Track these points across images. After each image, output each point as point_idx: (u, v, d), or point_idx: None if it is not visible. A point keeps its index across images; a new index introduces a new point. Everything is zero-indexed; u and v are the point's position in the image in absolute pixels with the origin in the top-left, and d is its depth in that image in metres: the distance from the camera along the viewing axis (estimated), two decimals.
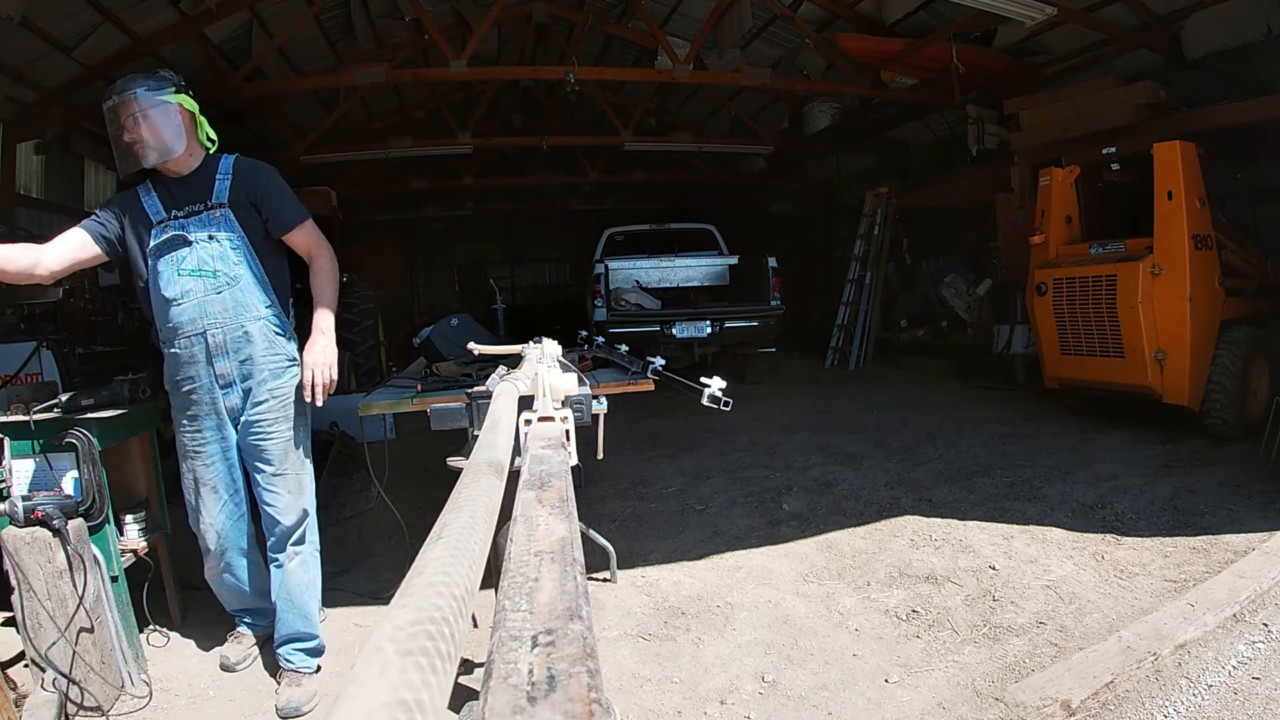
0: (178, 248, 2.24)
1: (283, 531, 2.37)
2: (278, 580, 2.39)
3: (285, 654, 2.38)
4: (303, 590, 2.40)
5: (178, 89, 2.25)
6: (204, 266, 2.23)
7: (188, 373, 2.30)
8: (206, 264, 2.23)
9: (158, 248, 2.24)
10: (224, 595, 2.57)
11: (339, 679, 2.42)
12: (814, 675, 2.31)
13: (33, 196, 6.65)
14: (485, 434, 1.17)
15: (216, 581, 2.52)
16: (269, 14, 6.80)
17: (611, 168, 12.14)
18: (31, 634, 2.15)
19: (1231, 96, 5.18)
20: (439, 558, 0.57)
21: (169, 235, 2.24)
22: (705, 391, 2.17)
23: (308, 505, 2.42)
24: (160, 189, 2.29)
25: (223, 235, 2.26)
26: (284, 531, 2.37)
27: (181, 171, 2.29)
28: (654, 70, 8.25)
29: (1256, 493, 3.54)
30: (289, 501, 2.36)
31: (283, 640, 2.39)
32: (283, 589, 2.38)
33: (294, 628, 2.38)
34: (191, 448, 2.35)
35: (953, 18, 6.50)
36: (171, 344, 2.29)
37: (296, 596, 2.38)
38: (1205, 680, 2.10)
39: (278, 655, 2.41)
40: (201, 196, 2.28)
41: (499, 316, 6.84)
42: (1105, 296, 4.76)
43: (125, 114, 2.16)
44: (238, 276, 2.27)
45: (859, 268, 9.51)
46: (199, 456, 2.35)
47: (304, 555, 2.42)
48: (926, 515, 3.64)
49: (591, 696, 0.43)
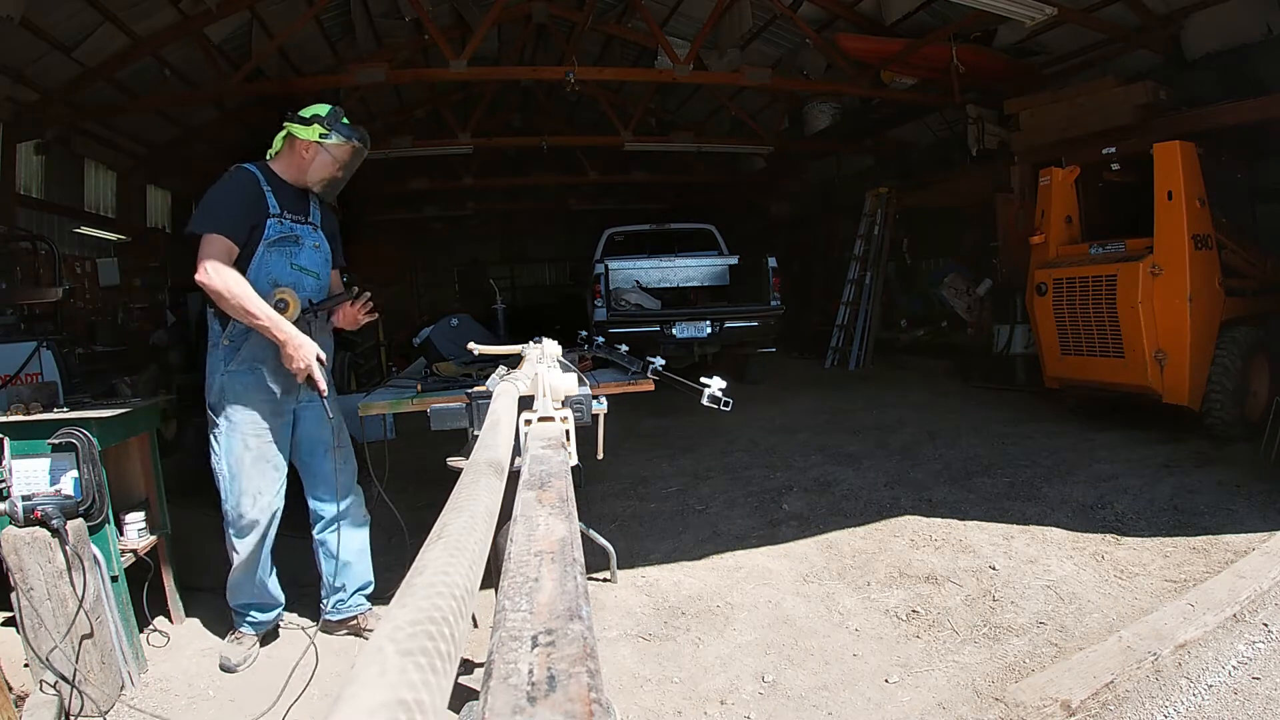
0: (290, 245, 2.52)
1: (346, 494, 2.66)
2: (347, 539, 2.66)
3: (356, 603, 2.76)
4: (365, 541, 2.80)
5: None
6: (311, 266, 2.58)
7: (277, 358, 2.47)
8: (313, 265, 2.59)
9: (275, 241, 2.47)
10: (242, 585, 2.60)
11: (339, 679, 2.42)
12: (814, 675, 2.31)
13: (33, 196, 6.65)
14: (485, 434, 1.17)
15: (245, 570, 2.56)
16: (269, 14, 6.80)
17: (611, 168, 12.14)
18: (31, 634, 2.15)
19: (1231, 96, 5.18)
20: (439, 558, 0.57)
21: (286, 233, 2.50)
22: (705, 391, 2.17)
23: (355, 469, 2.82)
24: (275, 186, 2.51)
25: (324, 247, 2.66)
26: (346, 494, 2.66)
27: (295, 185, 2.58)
28: (654, 70, 8.25)
29: (1256, 493, 3.54)
30: (349, 470, 2.71)
31: (354, 590, 2.75)
32: (351, 545, 2.70)
33: (364, 578, 2.78)
34: (259, 427, 2.49)
35: (953, 18, 6.51)
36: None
37: (365, 547, 2.79)
38: (1205, 680, 2.10)
39: (346, 608, 2.73)
40: (303, 210, 2.59)
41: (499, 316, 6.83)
42: (1105, 296, 4.76)
43: (357, 161, 2.59)
44: (324, 282, 2.66)
45: (859, 268, 9.51)
46: (265, 435, 2.50)
47: (361, 509, 2.79)
48: (926, 515, 3.64)
49: (591, 697, 0.43)
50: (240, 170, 2.46)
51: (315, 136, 2.48)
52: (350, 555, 2.70)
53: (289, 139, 2.51)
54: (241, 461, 2.46)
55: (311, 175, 2.53)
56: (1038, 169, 5.69)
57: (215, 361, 2.48)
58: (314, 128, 2.47)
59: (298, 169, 2.52)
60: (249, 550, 2.52)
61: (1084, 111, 6.18)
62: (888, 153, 10.45)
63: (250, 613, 2.64)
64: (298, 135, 2.49)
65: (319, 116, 2.48)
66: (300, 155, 2.50)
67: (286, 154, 2.53)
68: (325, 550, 2.67)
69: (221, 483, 2.50)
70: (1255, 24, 5.52)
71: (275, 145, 2.55)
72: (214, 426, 2.50)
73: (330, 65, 8.33)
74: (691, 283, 8.47)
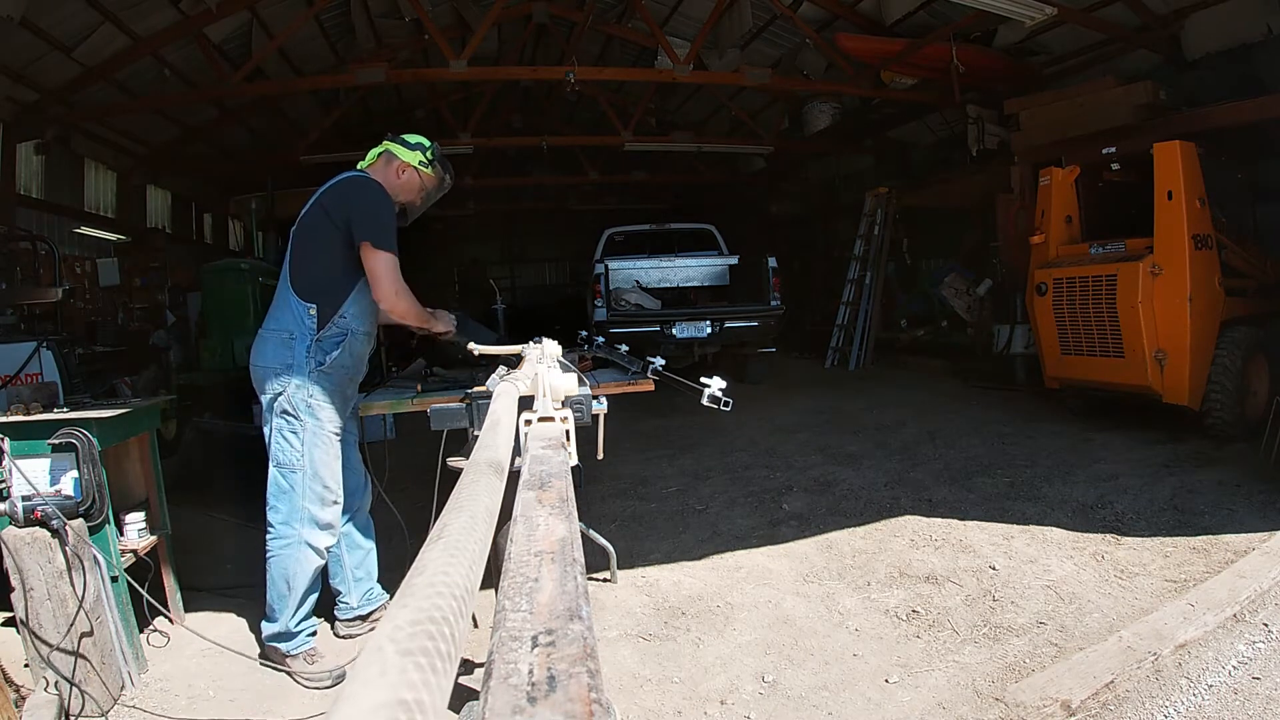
0: None
1: (366, 485, 2.79)
2: (365, 529, 2.79)
3: (379, 593, 2.81)
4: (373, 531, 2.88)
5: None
6: None
7: (364, 360, 2.64)
8: None
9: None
10: (305, 575, 2.47)
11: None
12: (814, 675, 2.31)
13: (33, 197, 6.65)
14: (485, 434, 1.17)
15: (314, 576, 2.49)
16: (269, 14, 6.80)
17: (611, 168, 12.14)
18: (31, 634, 2.15)
19: (1231, 96, 5.18)
20: (439, 558, 0.57)
21: None
22: (705, 391, 2.17)
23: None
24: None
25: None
26: (366, 484, 2.80)
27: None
28: (654, 70, 8.26)
29: (1256, 493, 3.53)
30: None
31: (374, 580, 2.81)
32: (369, 534, 2.81)
33: (376, 568, 2.83)
34: (338, 429, 2.55)
35: (953, 18, 6.51)
36: (360, 333, 2.58)
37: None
38: (1205, 680, 2.10)
39: (376, 597, 2.79)
40: None
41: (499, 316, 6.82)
42: (1105, 296, 4.76)
43: (436, 195, 2.75)
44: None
45: (859, 268, 9.51)
46: (341, 434, 2.57)
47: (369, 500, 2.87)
48: (926, 515, 3.64)
49: (591, 697, 0.43)
50: (382, 187, 2.55)
51: (415, 162, 2.61)
52: (368, 544, 2.80)
53: (386, 155, 2.62)
54: (326, 459, 2.47)
55: (398, 195, 2.62)
56: (1038, 169, 5.69)
57: (299, 359, 2.44)
58: (416, 154, 2.61)
59: (389, 186, 2.59)
60: (325, 548, 2.50)
61: (1084, 111, 6.18)
62: (888, 153, 10.45)
63: (308, 624, 2.54)
64: (398, 156, 2.61)
65: (423, 146, 2.64)
66: (395, 174, 2.61)
67: (381, 169, 2.62)
68: (350, 541, 2.71)
69: (297, 480, 2.44)
70: (1255, 24, 5.52)
71: (369, 158, 2.64)
72: (290, 423, 2.44)
73: (330, 65, 8.34)
74: (691, 283, 8.47)
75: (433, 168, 2.64)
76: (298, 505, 2.45)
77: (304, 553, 2.46)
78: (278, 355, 2.45)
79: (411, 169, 2.61)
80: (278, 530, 2.46)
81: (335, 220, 2.45)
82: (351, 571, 2.72)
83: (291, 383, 2.43)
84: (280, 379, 2.43)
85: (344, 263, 2.47)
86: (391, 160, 2.61)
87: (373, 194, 2.49)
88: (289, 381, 2.43)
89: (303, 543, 2.45)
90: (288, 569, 2.45)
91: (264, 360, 2.48)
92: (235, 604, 2.93)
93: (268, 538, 2.48)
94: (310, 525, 2.46)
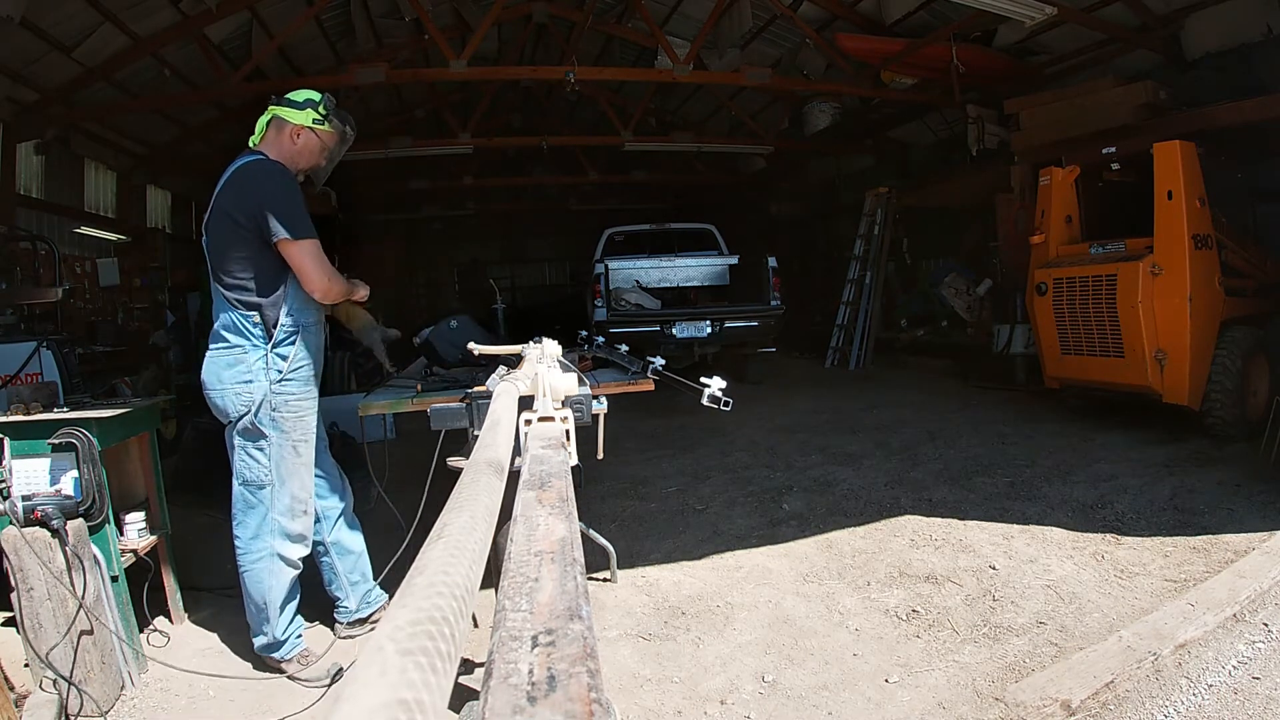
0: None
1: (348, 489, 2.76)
2: (354, 532, 2.74)
3: (378, 595, 2.77)
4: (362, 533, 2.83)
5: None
6: None
7: (321, 350, 2.52)
8: None
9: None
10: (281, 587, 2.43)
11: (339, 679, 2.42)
12: (814, 675, 2.31)
13: (33, 197, 6.64)
14: (485, 434, 1.17)
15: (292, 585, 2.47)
16: (269, 14, 6.80)
17: (611, 168, 12.14)
18: (31, 634, 2.15)
19: (1231, 96, 5.18)
20: (439, 558, 0.57)
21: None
22: (705, 391, 2.17)
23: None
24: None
25: None
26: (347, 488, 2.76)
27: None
28: (654, 70, 8.25)
29: (1256, 493, 3.54)
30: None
31: (372, 581, 2.77)
32: (359, 537, 2.75)
33: (370, 569, 2.77)
34: (308, 433, 2.46)
35: (953, 18, 6.51)
36: (311, 324, 2.45)
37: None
38: (1205, 680, 2.10)
39: (376, 599, 2.77)
40: None
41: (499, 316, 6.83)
42: (1105, 296, 4.76)
43: (342, 150, 2.56)
44: None
45: (859, 268, 9.51)
46: (311, 440, 2.49)
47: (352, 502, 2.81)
48: (926, 515, 3.64)
49: (591, 696, 0.43)
50: (282, 168, 2.38)
51: (309, 122, 2.42)
52: (359, 547, 2.76)
53: (275, 123, 2.42)
54: (295, 470, 2.40)
55: (298, 162, 2.45)
56: (1038, 169, 5.69)
57: (256, 373, 2.33)
58: (307, 112, 2.41)
59: (286, 156, 2.43)
60: (298, 558, 2.46)
61: (1084, 111, 6.17)
62: (888, 153, 10.45)
63: (294, 627, 2.52)
64: (289, 120, 2.41)
65: (312, 101, 2.42)
66: (289, 141, 2.42)
67: (273, 139, 2.43)
68: (340, 548, 2.66)
69: (265, 495, 2.38)
70: (1255, 24, 5.52)
71: (259, 130, 2.44)
72: (255, 440, 2.35)
73: (330, 65, 8.33)
74: (691, 283, 8.47)
75: (329, 122, 2.44)
76: (267, 519, 2.39)
77: (276, 565, 2.40)
78: (234, 374, 2.33)
79: (306, 130, 2.41)
80: (247, 546, 2.40)
81: (242, 221, 2.29)
82: (346, 577, 2.68)
83: (255, 401, 2.33)
84: (242, 399, 2.33)
85: (270, 260, 2.33)
86: (283, 126, 2.41)
87: (270, 183, 2.32)
88: (252, 401, 2.33)
89: (274, 555, 2.40)
90: (262, 583, 2.39)
91: (220, 383, 2.35)
92: (235, 604, 2.90)
93: (237, 554, 2.41)
94: (281, 538, 2.41)
